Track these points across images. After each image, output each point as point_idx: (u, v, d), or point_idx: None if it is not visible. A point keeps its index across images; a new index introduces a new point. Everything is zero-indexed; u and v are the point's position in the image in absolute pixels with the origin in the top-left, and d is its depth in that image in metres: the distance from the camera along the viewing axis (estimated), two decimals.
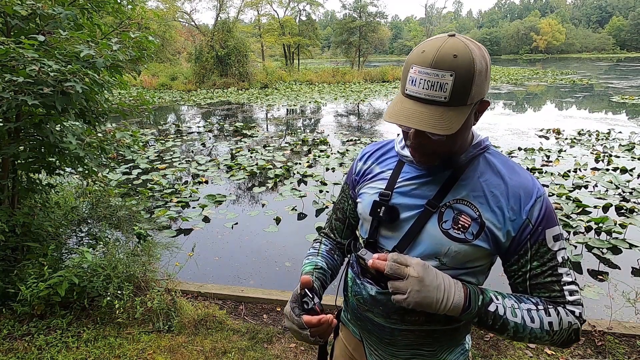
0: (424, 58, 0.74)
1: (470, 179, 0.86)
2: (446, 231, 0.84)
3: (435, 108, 0.74)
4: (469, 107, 0.76)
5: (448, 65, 0.72)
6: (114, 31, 3.05)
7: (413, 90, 0.76)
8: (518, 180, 0.84)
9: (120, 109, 2.86)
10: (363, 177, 1.01)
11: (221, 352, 2.34)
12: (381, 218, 0.90)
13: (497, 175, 0.86)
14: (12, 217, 2.53)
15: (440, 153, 0.83)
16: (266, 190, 5.75)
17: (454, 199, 0.85)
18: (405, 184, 0.90)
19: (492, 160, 0.88)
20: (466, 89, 0.73)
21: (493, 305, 0.79)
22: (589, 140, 8.45)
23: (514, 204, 0.82)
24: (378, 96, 17.50)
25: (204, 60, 22.02)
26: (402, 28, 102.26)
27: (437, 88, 0.73)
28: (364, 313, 0.97)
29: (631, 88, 18.97)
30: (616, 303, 2.83)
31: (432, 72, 0.72)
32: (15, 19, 2.35)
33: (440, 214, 0.85)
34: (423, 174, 0.89)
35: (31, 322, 2.50)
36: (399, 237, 0.89)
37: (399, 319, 0.90)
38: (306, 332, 0.78)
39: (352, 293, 1.01)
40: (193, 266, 3.65)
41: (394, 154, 0.98)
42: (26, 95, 2.09)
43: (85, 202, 3.92)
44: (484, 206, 0.83)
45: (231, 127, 10.47)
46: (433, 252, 0.85)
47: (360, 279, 0.97)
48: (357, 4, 29.13)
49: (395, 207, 0.89)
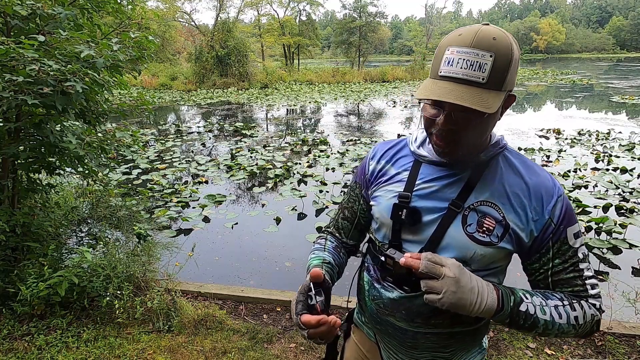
0: (463, 39, 0.73)
1: (492, 179, 0.85)
2: (471, 235, 0.82)
3: (474, 89, 0.73)
4: (502, 95, 0.75)
5: (488, 46, 0.72)
6: (114, 31, 3.05)
7: (449, 71, 0.74)
8: (538, 180, 0.84)
9: (120, 109, 2.86)
10: (377, 178, 0.98)
11: (221, 352, 2.34)
12: (403, 221, 0.87)
13: (518, 175, 0.85)
14: (12, 217, 2.53)
15: (465, 145, 0.81)
16: (266, 190, 5.75)
17: (477, 201, 0.83)
18: (425, 186, 0.88)
19: (511, 159, 0.88)
20: (503, 73, 0.73)
21: (524, 304, 0.79)
22: (589, 140, 8.45)
23: (537, 204, 0.82)
24: (378, 96, 17.50)
25: (204, 60, 22.02)
26: (402, 28, 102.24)
27: (476, 68, 0.72)
28: (385, 317, 0.94)
29: (631, 88, 18.97)
30: (616, 303, 2.83)
31: (472, 52, 0.72)
32: (15, 19, 2.35)
33: (464, 217, 0.83)
34: (443, 175, 0.87)
35: (31, 322, 2.50)
36: (422, 240, 0.87)
37: (422, 323, 0.88)
38: (304, 332, 0.76)
39: (369, 297, 0.98)
40: (193, 266, 3.65)
41: (408, 153, 0.96)
42: (26, 94, 2.09)
43: (85, 202, 3.93)
44: (507, 207, 0.83)
45: (231, 127, 10.46)
46: (460, 257, 0.83)
47: (380, 282, 0.94)
48: (357, 4, 29.12)
49: (418, 210, 0.86)
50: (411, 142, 0.97)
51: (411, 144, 0.96)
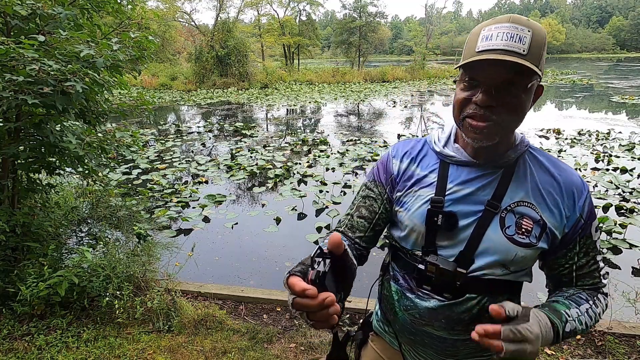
0: (498, 19, 0.74)
1: (524, 178, 0.84)
2: (511, 237, 0.81)
3: (516, 58, 0.71)
4: (537, 76, 0.75)
5: (525, 23, 0.73)
6: (114, 31, 3.05)
7: (489, 45, 0.73)
8: (567, 176, 0.84)
9: (120, 109, 2.86)
10: (402, 179, 0.93)
11: (221, 352, 2.34)
12: (439, 227, 0.84)
13: (547, 172, 0.85)
14: (12, 217, 2.53)
15: (502, 129, 0.78)
16: (266, 190, 5.74)
17: (514, 202, 0.82)
18: (458, 189, 0.85)
19: (537, 156, 0.87)
20: (540, 52, 0.73)
21: (569, 325, 0.79)
22: (589, 140, 8.45)
23: (569, 201, 0.83)
24: (378, 96, 17.50)
25: (204, 60, 22.02)
26: (402, 28, 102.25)
27: (517, 40, 0.72)
28: (421, 328, 0.91)
29: (631, 88, 18.97)
30: (616, 303, 2.82)
31: (511, 26, 0.73)
32: (15, 19, 2.35)
33: (501, 219, 0.82)
34: (474, 177, 0.85)
35: (31, 322, 2.50)
36: (458, 245, 0.84)
37: (462, 330, 0.86)
38: (290, 297, 0.59)
39: (400, 308, 0.93)
40: (193, 266, 3.65)
41: (431, 154, 0.93)
42: (26, 94, 2.09)
43: (85, 202, 3.93)
44: (542, 206, 0.82)
45: (231, 127, 10.46)
46: (501, 260, 0.82)
47: (414, 291, 0.90)
48: (357, 4, 29.12)
49: (455, 214, 0.84)
50: (433, 142, 0.93)
51: (434, 144, 0.92)
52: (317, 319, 0.57)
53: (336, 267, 0.61)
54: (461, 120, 0.82)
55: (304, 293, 0.55)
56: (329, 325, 0.58)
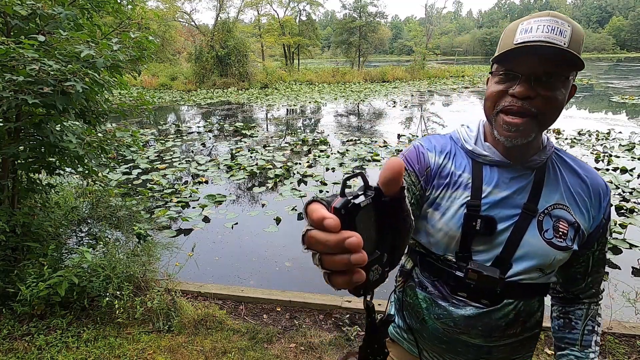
0: (537, 14, 0.73)
1: (555, 180, 0.84)
2: (549, 241, 0.80)
3: (557, 49, 0.69)
4: (575, 72, 0.74)
5: (565, 19, 0.72)
6: (114, 31, 3.05)
7: (528, 37, 0.71)
8: (593, 177, 0.85)
9: (120, 109, 2.86)
10: (439, 175, 0.87)
11: (221, 352, 2.34)
12: (477, 232, 0.81)
13: (575, 173, 0.85)
14: (12, 217, 2.53)
15: (535, 126, 0.75)
16: (266, 190, 5.74)
17: (550, 205, 0.81)
18: (494, 192, 0.82)
19: (564, 158, 0.87)
20: (578, 48, 0.72)
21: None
22: (589, 140, 8.45)
23: (596, 203, 0.84)
24: (378, 96, 17.49)
25: (204, 60, 22.02)
26: (402, 28, 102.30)
27: (557, 32, 0.70)
28: (455, 336, 0.87)
29: (631, 88, 18.97)
30: (616, 303, 2.83)
31: (552, 19, 0.71)
32: (15, 19, 2.35)
33: (539, 222, 0.81)
34: (510, 179, 0.83)
35: (31, 322, 2.50)
36: (493, 249, 0.82)
37: (499, 336, 0.85)
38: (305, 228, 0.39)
39: (430, 316, 0.90)
40: (193, 266, 3.65)
41: (460, 152, 0.89)
42: (26, 94, 2.09)
43: (85, 202, 3.93)
44: (574, 208, 0.82)
45: (231, 127, 10.46)
46: (539, 265, 0.81)
47: (447, 299, 0.86)
48: (357, 4, 29.13)
49: (494, 218, 0.81)
50: (463, 140, 0.89)
51: (464, 142, 0.88)
52: (333, 266, 0.38)
53: (382, 211, 0.42)
54: (494, 115, 0.79)
55: (322, 223, 0.36)
56: (350, 283, 0.38)
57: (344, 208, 0.38)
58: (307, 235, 0.37)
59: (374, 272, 0.42)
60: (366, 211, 0.40)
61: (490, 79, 0.81)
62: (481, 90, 19.21)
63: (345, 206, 0.38)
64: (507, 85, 0.75)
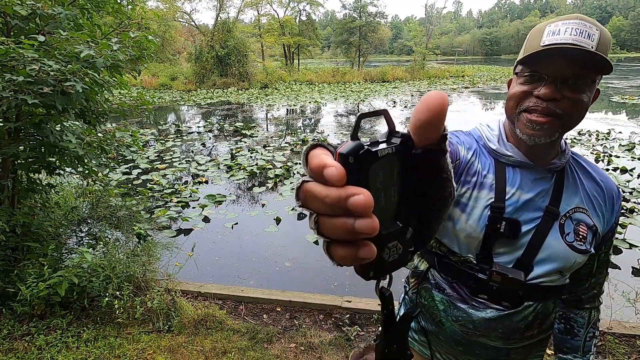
0: (565, 17, 0.72)
1: (574, 184, 0.84)
2: (571, 244, 0.81)
3: (586, 53, 0.68)
4: (600, 76, 0.74)
5: (593, 22, 0.71)
6: (114, 31, 3.05)
7: (556, 39, 0.70)
8: (607, 182, 0.86)
9: (120, 109, 2.86)
10: (467, 172, 0.84)
11: (221, 352, 2.34)
12: (501, 234, 0.80)
13: (591, 178, 0.86)
14: (12, 217, 2.53)
15: (560, 126, 0.75)
16: (266, 190, 5.74)
17: (571, 209, 0.82)
18: (518, 194, 0.82)
19: (580, 162, 0.88)
20: (606, 51, 0.71)
21: None
22: (589, 140, 8.45)
23: (609, 207, 0.85)
24: (378, 96, 17.49)
25: (204, 60, 22.02)
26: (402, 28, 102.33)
27: (586, 36, 0.69)
28: (474, 339, 0.87)
29: (631, 88, 18.97)
30: (616, 303, 2.83)
31: (580, 22, 0.70)
32: (15, 19, 2.35)
33: (561, 225, 0.81)
34: (532, 180, 0.82)
35: (31, 322, 2.50)
36: (516, 252, 0.82)
37: (518, 338, 0.85)
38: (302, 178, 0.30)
39: (448, 319, 0.89)
40: (193, 266, 3.65)
41: (484, 151, 0.87)
42: (26, 94, 2.09)
43: (85, 202, 3.93)
44: (592, 212, 0.83)
45: (231, 127, 10.46)
46: (561, 268, 0.81)
47: (466, 301, 0.85)
48: (357, 4, 29.14)
49: (519, 222, 0.80)
50: (485, 139, 0.87)
51: (487, 141, 0.87)
52: (332, 233, 0.28)
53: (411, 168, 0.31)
54: (517, 114, 0.78)
55: (322, 172, 0.27)
56: (354, 259, 0.28)
57: (353, 155, 0.28)
58: (303, 187, 0.28)
59: (392, 249, 0.31)
60: (386, 165, 0.29)
61: (514, 80, 0.81)
62: (481, 90, 19.21)
63: (355, 152, 0.28)
64: (532, 87, 0.75)
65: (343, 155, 0.28)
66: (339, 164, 0.27)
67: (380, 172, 0.29)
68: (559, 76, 0.72)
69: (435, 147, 0.31)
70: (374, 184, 0.29)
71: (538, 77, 0.74)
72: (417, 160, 0.31)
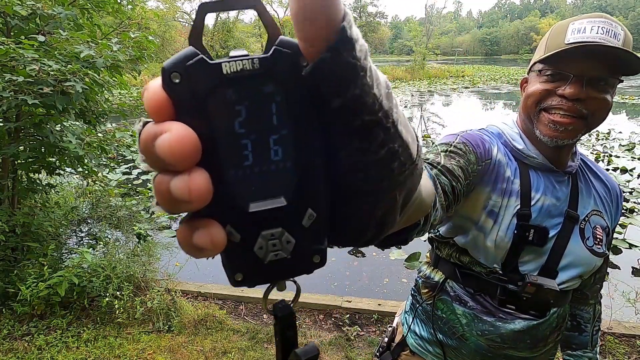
0: (590, 15, 0.70)
1: (587, 186, 0.84)
2: (591, 248, 0.80)
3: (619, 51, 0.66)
4: (628, 74, 0.73)
5: (616, 21, 0.69)
6: (114, 31, 3.05)
7: (582, 37, 0.67)
8: (612, 182, 0.86)
9: (120, 109, 2.86)
10: (496, 174, 0.78)
11: (221, 352, 2.34)
12: (530, 242, 0.77)
13: (598, 179, 0.86)
14: (12, 217, 2.53)
15: (583, 127, 0.72)
16: None
17: (589, 212, 0.81)
18: (542, 199, 0.78)
19: (588, 163, 0.88)
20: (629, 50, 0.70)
21: None
22: (589, 140, 8.45)
23: (615, 206, 0.86)
24: None
25: None
26: (402, 28, 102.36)
27: (612, 35, 0.67)
28: (501, 351, 0.83)
29: (631, 88, 18.98)
30: (616, 303, 2.83)
31: (606, 21, 0.68)
32: (15, 19, 2.35)
33: (581, 230, 0.80)
34: (553, 185, 0.80)
35: (31, 322, 2.50)
36: (540, 259, 0.79)
37: (543, 344, 0.83)
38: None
39: (472, 333, 0.83)
40: (193, 266, 3.65)
41: (508, 153, 0.82)
42: (26, 94, 2.09)
43: (85, 202, 3.93)
44: (605, 213, 0.83)
45: None
46: (583, 272, 0.80)
47: (493, 314, 0.81)
48: (357, 4, 29.17)
49: (546, 229, 0.77)
50: (508, 138, 0.82)
51: (512, 141, 0.81)
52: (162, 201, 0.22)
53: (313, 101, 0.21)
54: (536, 112, 0.75)
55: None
56: (192, 246, 0.21)
57: (178, 69, 0.19)
58: (144, 131, 0.21)
59: (271, 241, 0.21)
60: (250, 93, 0.19)
61: (532, 79, 0.77)
62: (481, 90, 19.21)
63: (181, 65, 0.19)
64: (554, 85, 0.72)
65: (164, 70, 0.18)
66: (158, 86, 0.19)
67: (240, 105, 0.19)
68: (585, 75, 0.69)
69: (332, 55, 0.20)
70: (224, 123, 0.19)
71: (562, 75, 0.71)
72: (315, 90, 0.19)
